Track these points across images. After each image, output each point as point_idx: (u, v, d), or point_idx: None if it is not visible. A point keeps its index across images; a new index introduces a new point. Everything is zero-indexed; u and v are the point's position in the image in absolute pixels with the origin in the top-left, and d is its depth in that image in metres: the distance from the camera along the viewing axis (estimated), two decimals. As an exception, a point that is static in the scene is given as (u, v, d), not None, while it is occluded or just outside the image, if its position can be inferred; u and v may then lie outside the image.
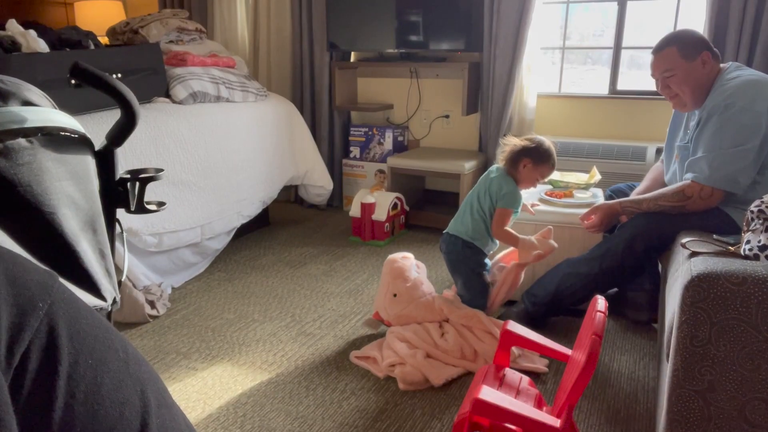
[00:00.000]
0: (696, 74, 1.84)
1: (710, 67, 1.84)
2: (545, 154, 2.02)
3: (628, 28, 3.07)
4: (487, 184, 2.06)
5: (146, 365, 0.46)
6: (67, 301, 0.40)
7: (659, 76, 1.89)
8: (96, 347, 0.40)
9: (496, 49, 3.11)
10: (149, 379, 0.45)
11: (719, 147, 1.76)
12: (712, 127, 1.78)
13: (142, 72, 2.40)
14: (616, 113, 3.13)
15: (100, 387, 0.39)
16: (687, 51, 1.83)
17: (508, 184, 2.03)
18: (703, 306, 1.06)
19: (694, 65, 1.83)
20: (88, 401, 0.37)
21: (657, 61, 1.89)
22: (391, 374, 1.85)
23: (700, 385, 1.09)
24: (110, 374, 0.40)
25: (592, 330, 1.29)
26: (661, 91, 1.93)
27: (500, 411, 1.31)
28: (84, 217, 1.02)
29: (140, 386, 0.42)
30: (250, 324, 2.21)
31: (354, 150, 3.70)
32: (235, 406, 1.71)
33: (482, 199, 2.06)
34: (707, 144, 1.79)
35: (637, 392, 1.76)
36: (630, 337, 2.07)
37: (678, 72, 1.84)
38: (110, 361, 0.41)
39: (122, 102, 1.10)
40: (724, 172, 1.76)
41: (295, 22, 3.65)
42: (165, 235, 2.33)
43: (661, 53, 1.87)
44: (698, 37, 1.86)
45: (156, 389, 0.45)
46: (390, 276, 2.04)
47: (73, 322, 0.39)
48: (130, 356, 0.44)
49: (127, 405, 0.40)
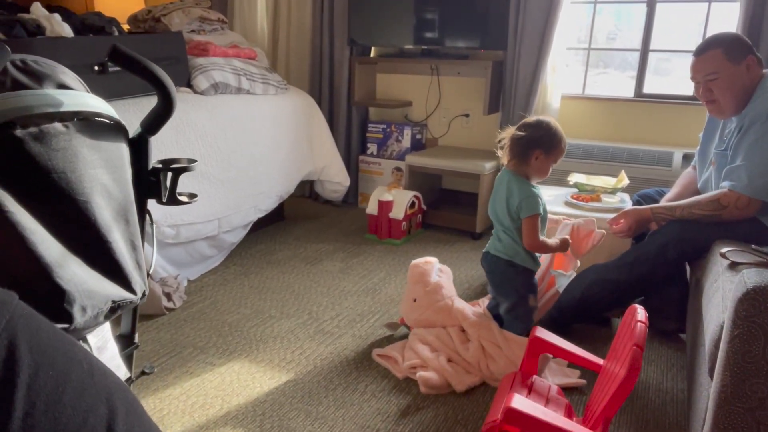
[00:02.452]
0: (740, 79, 1.78)
1: (754, 72, 1.79)
2: (555, 137, 1.77)
3: (654, 32, 3.01)
4: (504, 197, 1.81)
5: (113, 376, 0.47)
6: (26, 317, 0.41)
7: (701, 78, 1.83)
8: (57, 359, 0.41)
9: (521, 48, 3.06)
10: (117, 388, 0.45)
11: (760, 156, 1.71)
12: (753, 135, 1.73)
13: (165, 61, 2.36)
14: (641, 117, 3.06)
15: (62, 396, 0.39)
16: (733, 54, 1.77)
17: (520, 189, 1.78)
18: (758, 320, 1.01)
19: (739, 69, 1.77)
20: (50, 410, 0.38)
21: (700, 63, 1.82)
22: (411, 376, 1.81)
23: (750, 403, 1.05)
24: (72, 384, 0.41)
25: (633, 341, 1.24)
26: (702, 94, 1.86)
27: (533, 421, 1.26)
28: (117, 206, 0.99)
29: (106, 394, 0.43)
30: (267, 320, 2.17)
31: (371, 147, 3.65)
32: (254, 404, 1.67)
33: (502, 215, 1.82)
34: (747, 152, 1.74)
35: (666, 404, 1.71)
36: (656, 347, 2.02)
37: (722, 75, 1.78)
38: (73, 371, 0.41)
39: (160, 87, 1.06)
40: (762, 182, 1.71)
41: (316, 16, 3.61)
42: (183, 227, 2.29)
43: (706, 55, 1.81)
44: (744, 41, 1.81)
45: (125, 398, 0.46)
46: (411, 281, 1.99)
47: (34, 336, 0.40)
48: (94, 367, 0.44)
49: (92, 412, 0.41)
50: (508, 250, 1.83)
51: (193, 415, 1.62)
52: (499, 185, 1.86)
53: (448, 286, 2.02)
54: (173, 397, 1.69)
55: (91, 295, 0.87)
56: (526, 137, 1.78)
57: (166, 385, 1.75)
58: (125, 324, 1.17)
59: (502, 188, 1.84)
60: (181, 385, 1.75)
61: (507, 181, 1.82)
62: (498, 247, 1.86)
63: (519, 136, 1.79)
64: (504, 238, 1.84)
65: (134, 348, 1.17)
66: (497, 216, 1.85)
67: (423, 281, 1.97)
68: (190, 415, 1.61)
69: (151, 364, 1.46)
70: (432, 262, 2.04)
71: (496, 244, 1.87)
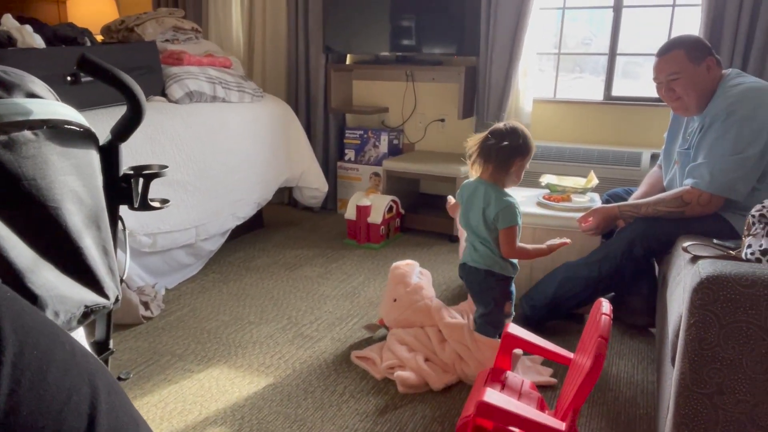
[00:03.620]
0: (701, 79, 1.85)
1: (714, 72, 1.86)
2: (531, 142, 1.77)
3: (621, 36, 3.09)
4: (479, 208, 1.77)
5: (94, 359, 0.48)
6: (10, 299, 0.42)
7: (664, 78, 1.89)
8: (41, 341, 0.42)
9: (493, 54, 3.12)
10: (98, 370, 0.46)
11: (720, 154, 1.77)
12: (713, 133, 1.79)
13: (138, 70, 2.37)
14: (610, 119, 3.14)
15: (46, 374, 0.40)
16: (694, 55, 1.84)
17: (498, 200, 1.74)
18: (712, 308, 1.06)
19: (700, 69, 1.84)
20: (34, 388, 0.39)
21: (663, 63, 1.89)
22: (389, 376, 1.83)
23: (708, 389, 1.09)
24: (56, 363, 0.42)
25: (598, 333, 1.28)
26: (665, 94, 1.92)
27: (505, 414, 1.30)
28: (88, 212, 1.00)
29: (88, 375, 0.44)
30: (246, 326, 2.18)
31: (349, 153, 3.68)
32: (233, 408, 1.68)
33: (478, 227, 1.79)
34: (708, 150, 1.80)
35: (637, 396, 1.76)
36: (627, 341, 2.08)
37: (684, 75, 1.85)
38: (56, 352, 0.42)
39: (129, 95, 1.08)
40: (723, 179, 1.78)
41: (291, 24, 3.64)
42: (159, 236, 2.30)
43: (669, 55, 1.87)
44: (704, 43, 1.88)
45: (105, 379, 0.47)
46: (392, 281, 2.02)
47: (17, 317, 0.41)
48: (76, 349, 0.45)
49: (75, 391, 0.42)
50: (485, 260, 1.80)
51: (172, 421, 1.62)
52: (473, 196, 1.80)
53: (428, 287, 2.06)
54: (151, 404, 1.69)
55: (64, 300, 0.88)
56: (509, 146, 1.72)
57: (144, 392, 1.75)
58: (100, 330, 1.18)
59: (477, 199, 1.78)
60: (159, 393, 1.75)
61: (483, 192, 1.77)
62: (475, 257, 1.82)
63: (501, 146, 1.73)
64: (480, 248, 1.80)
65: (109, 354, 1.18)
66: (471, 227, 1.82)
67: (404, 282, 2.00)
68: (169, 422, 1.61)
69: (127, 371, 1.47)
70: (413, 265, 2.07)
71: (472, 255, 1.83)
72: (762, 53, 2.60)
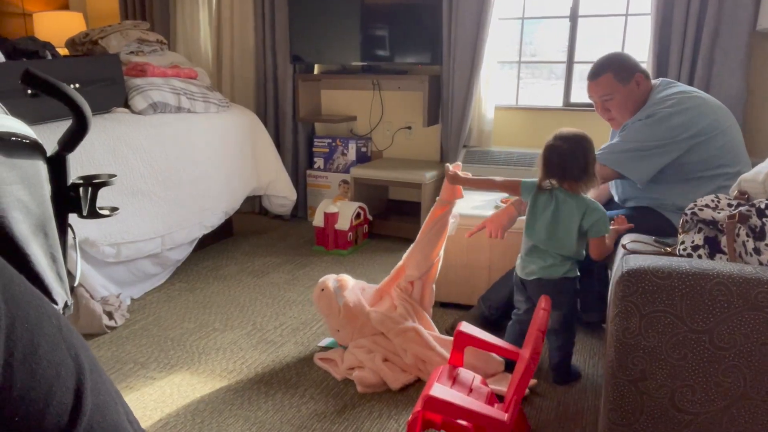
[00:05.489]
0: (632, 96, 1.98)
1: (644, 86, 1.99)
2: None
3: (582, 43, 3.20)
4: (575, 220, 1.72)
5: (77, 333, 0.48)
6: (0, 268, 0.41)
7: (598, 99, 2.02)
8: (30, 313, 0.41)
9: (455, 63, 3.20)
10: (81, 345, 0.47)
11: (623, 140, 1.95)
12: (628, 130, 1.96)
13: (100, 82, 2.40)
14: (570, 124, 3.23)
15: (37, 348, 0.40)
16: (622, 75, 1.96)
17: (591, 211, 1.71)
18: (632, 299, 1.13)
19: (630, 87, 1.96)
20: (27, 361, 0.39)
21: (594, 87, 2.02)
22: (349, 377, 1.88)
23: (632, 375, 1.16)
24: (46, 338, 0.42)
25: (536, 326, 1.35)
26: (601, 112, 2.07)
27: (451, 407, 1.35)
28: (35, 221, 1.04)
29: (74, 351, 0.45)
30: (211, 333, 2.21)
31: (318, 161, 3.74)
32: (193, 413, 1.71)
33: (566, 240, 1.75)
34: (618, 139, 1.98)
35: (587, 389, 1.83)
36: (581, 337, 2.15)
37: (616, 95, 1.98)
38: (45, 326, 0.42)
39: (73, 107, 1.12)
40: (615, 156, 1.93)
41: (258, 35, 3.69)
42: (123, 246, 2.32)
43: (598, 80, 1.99)
44: (630, 61, 1.99)
45: (87, 355, 0.47)
46: (323, 314, 2.02)
47: (7, 287, 0.40)
48: (62, 323, 0.46)
49: (63, 366, 0.42)
50: (561, 268, 1.78)
51: (132, 427, 1.64)
52: (558, 211, 1.74)
53: (355, 296, 2.00)
54: (112, 411, 1.71)
55: None
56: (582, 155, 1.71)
57: (106, 400, 1.76)
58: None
59: (567, 213, 1.73)
60: (121, 400, 1.77)
61: (575, 204, 1.73)
62: (548, 270, 1.78)
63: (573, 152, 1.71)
64: (555, 258, 1.77)
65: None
66: (553, 241, 1.76)
67: (332, 312, 1.98)
68: (129, 428, 1.64)
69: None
70: (326, 285, 2.01)
71: (543, 268, 1.78)
72: (709, 58, 2.72)
